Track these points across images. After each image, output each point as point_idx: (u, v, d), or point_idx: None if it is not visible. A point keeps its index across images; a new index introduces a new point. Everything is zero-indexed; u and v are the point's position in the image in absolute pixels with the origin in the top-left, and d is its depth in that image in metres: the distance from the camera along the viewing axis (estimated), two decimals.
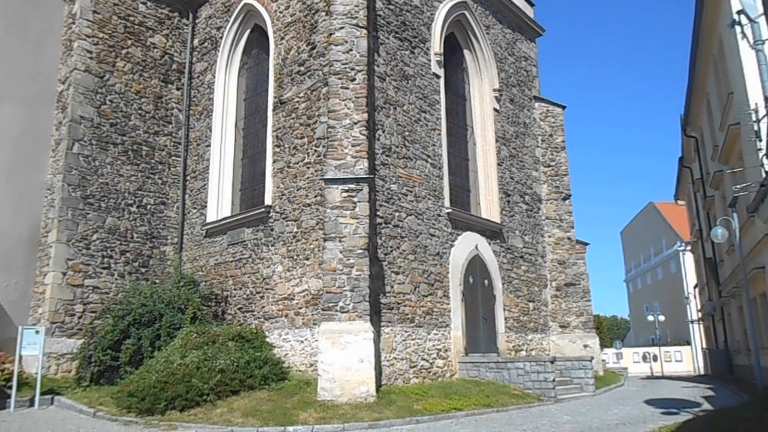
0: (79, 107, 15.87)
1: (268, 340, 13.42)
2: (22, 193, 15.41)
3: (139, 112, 17.14)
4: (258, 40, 17.09)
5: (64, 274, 14.85)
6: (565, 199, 20.06)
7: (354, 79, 13.26)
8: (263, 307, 14.23)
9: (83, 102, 15.96)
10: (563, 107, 21.02)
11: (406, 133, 14.90)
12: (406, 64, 15.41)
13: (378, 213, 13.44)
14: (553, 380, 13.74)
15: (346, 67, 13.32)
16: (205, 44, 18.30)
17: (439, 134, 16.07)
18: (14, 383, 12.47)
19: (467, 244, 16.20)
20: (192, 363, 11.49)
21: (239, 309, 14.89)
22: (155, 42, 17.94)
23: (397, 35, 15.31)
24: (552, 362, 14.04)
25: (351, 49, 13.45)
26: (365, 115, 13.08)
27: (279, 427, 9.87)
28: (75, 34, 16.35)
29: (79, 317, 14.89)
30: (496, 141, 18.32)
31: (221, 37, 17.63)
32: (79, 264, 15.14)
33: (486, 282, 16.67)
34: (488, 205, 17.58)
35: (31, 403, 12.58)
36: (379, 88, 14.36)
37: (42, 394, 12.70)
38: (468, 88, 18.51)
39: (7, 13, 15.80)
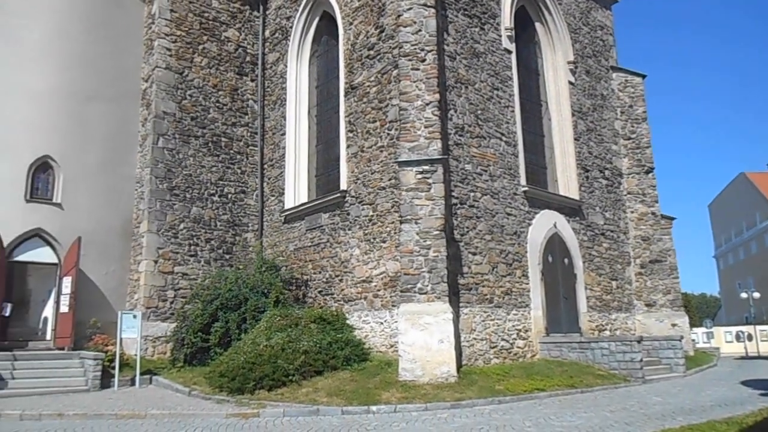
0: (162, 103, 16.62)
1: (348, 322, 13.70)
2: (115, 187, 16.37)
3: (217, 104, 17.76)
4: (327, 27, 17.26)
5: (156, 262, 15.70)
6: (647, 172, 19.20)
7: (424, 60, 13.17)
8: (342, 290, 14.51)
9: (165, 98, 16.70)
10: (643, 76, 20.05)
11: (479, 112, 14.69)
12: (476, 42, 15.14)
13: (453, 193, 13.37)
14: (641, 360, 13.30)
15: (415, 48, 13.25)
16: (276, 35, 18.67)
17: (513, 111, 15.74)
18: (117, 364, 13.39)
19: (545, 223, 15.85)
20: (277, 344, 11.92)
21: (319, 292, 15.26)
22: (229, 36, 18.48)
23: (466, 12, 15.06)
24: (639, 342, 13.59)
25: (420, 30, 13.35)
26: (437, 96, 12.99)
27: (363, 407, 10.10)
28: (155, 33, 17.09)
29: (171, 302, 15.72)
30: (572, 115, 17.74)
31: (291, 27, 17.93)
32: (169, 252, 15.96)
33: (566, 261, 16.27)
34: (566, 181, 17.10)
35: (132, 382, 13.46)
36: (449, 67, 14.20)
37: (141, 374, 13.56)
38: (541, 62, 17.98)
39: (93, 17, 16.68)
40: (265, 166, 18.25)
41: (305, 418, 9.76)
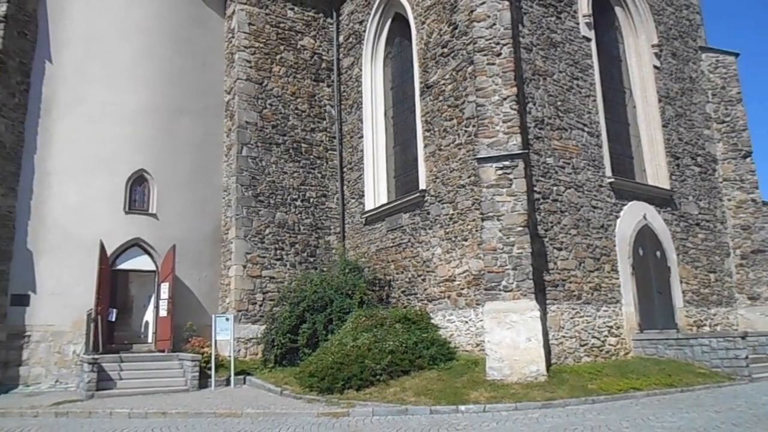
0: (245, 113, 17.25)
1: (432, 321, 13.69)
2: (204, 196, 17.15)
3: (296, 111, 18.23)
4: (399, 28, 17.33)
5: (244, 266, 16.30)
6: (745, 156, 17.99)
7: (500, 54, 12.96)
8: (425, 289, 14.51)
9: (247, 108, 17.33)
10: (736, 55, 18.81)
11: (559, 103, 14.28)
12: (552, 31, 14.73)
13: (535, 188, 13.06)
14: (746, 357, 12.47)
15: (490, 43, 13.06)
16: (350, 39, 18.94)
17: (595, 100, 15.18)
18: (213, 365, 14.04)
19: (634, 214, 15.18)
20: (363, 345, 12.08)
21: (402, 292, 15.33)
22: (305, 44, 18.92)
23: (541, 2, 14.68)
24: (743, 338, 12.75)
25: (494, 24, 13.16)
26: (514, 90, 12.74)
27: (451, 406, 10.05)
28: (235, 46, 17.77)
29: (260, 305, 16.28)
30: (659, 101, 16.90)
31: (364, 31, 18.13)
32: (256, 257, 16.54)
33: (658, 253, 15.51)
34: (655, 170, 16.31)
35: (228, 382, 14.06)
36: (526, 59, 13.89)
37: (235, 374, 14.16)
38: (622, 47, 17.24)
39: (178, 36, 17.55)
40: (345, 169, 18.55)
41: (394, 417, 9.83)
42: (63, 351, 14.80)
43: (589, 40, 15.57)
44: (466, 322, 13.19)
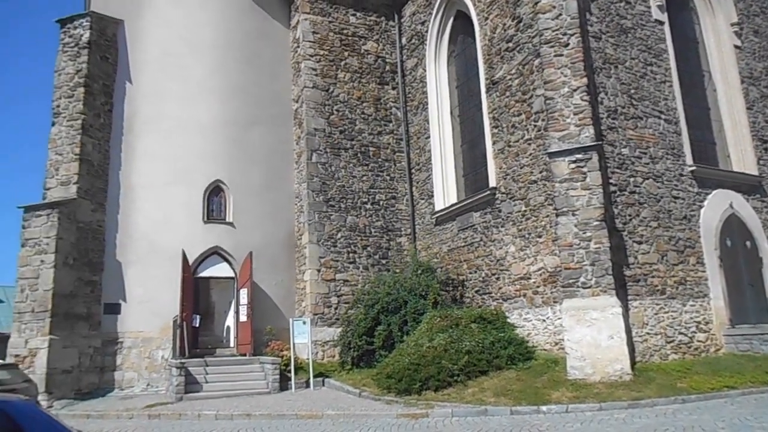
0: (312, 120, 17.59)
1: (508, 320, 13.47)
2: (277, 203, 17.61)
3: (362, 116, 18.42)
4: (462, 26, 17.19)
5: (318, 270, 16.61)
6: None
7: (567, 45, 12.63)
8: (500, 288, 14.31)
9: (315, 115, 17.66)
10: None
11: (632, 91, 13.74)
12: (622, 17, 14.20)
13: (611, 181, 12.62)
14: None
15: (557, 34, 12.75)
16: (413, 41, 18.95)
17: (671, 86, 14.51)
18: (292, 367, 14.39)
19: (719, 203, 14.39)
20: (439, 345, 12.04)
21: (476, 292, 15.18)
22: (368, 48, 19.10)
23: None
24: None
25: (560, 14, 12.84)
26: (584, 80, 12.38)
27: (532, 406, 9.86)
28: (300, 55, 18.16)
29: (335, 308, 16.53)
30: (742, 82, 15.97)
31: (426, 31, 18.10)
32: (330, 260, 16.81)
33: (748, 244, 14.64)
34: (740, 156, 15.40)
35: (307, 384, 14.36)
36: (595, 48, 13.45)
37: (314, 376, 14.43)
38: (699, 28, 16.39)
39: (246, 50, 18.13)
40: (413, 170, 18.56)
41: (474, 418, 9.74)
42: (152, 356, 15.57)
43: (662, 23, 14.90)
44: (544, 320, 12.90)
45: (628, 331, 11.45)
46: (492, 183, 14.74)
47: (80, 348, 14.93)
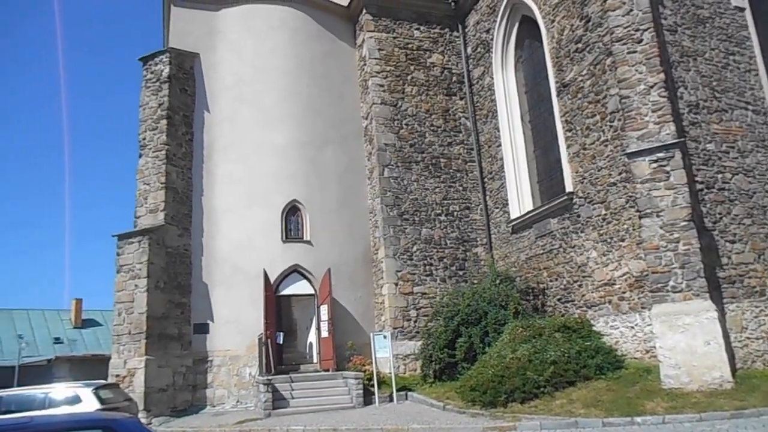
0: (382, 136, 17.81)
1: (594, 328, 13.03)
2: (352, 220, 17.88)
3: (432, 128, 18.47)
4: (528, 30, 16.96)
5: (396, 284, 16.69)
6: None
7: (641, 41, 12.21)
8: (583, 295, 13.89)
9: (384, 131, 17.87)
10: None
11: (714, 83, 13.09)
12: (698, 7, 13.58)
13: (696, 178, 12.03)
14: None
15: (629, 30, 12.36)
16: (478, 50, 18.87)
17: (756, 74, 13.70)
18: (375, 382, 14.47)
19: None
20: (523, 356, 11.80)
21: (558, 300, 14.80)
22: (433, 61, 19.18)
23: None
24: None
25: (631, 10, 12.44)
26: (661, 75, 11.91)
27: (625, 418, 9.48)
28: (367, 73, 18.47)
29: (414, 321, 16.54)
30: None
31: (492, 39, 17.98)
32: (407, 274, 16.87)
33: None
34: None
35: (390, 398, 14.40)
36: (671, 42, 12.93)
37: (397, 390, 14.45)
38: None
39: (314, 73, 18.63)
40: (485, 179, 18.40)
41: (563, 430, 9.48)
42: (240, 373, 16.09)
43: (742, 9, 14.14)
44: (632, 327, 12.39)
45: (726, 337, 10.81)
46: (568, 188, 14.38)
47: (174, 367, 15.64)
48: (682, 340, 10.50)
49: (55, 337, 33.00)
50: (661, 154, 11.35)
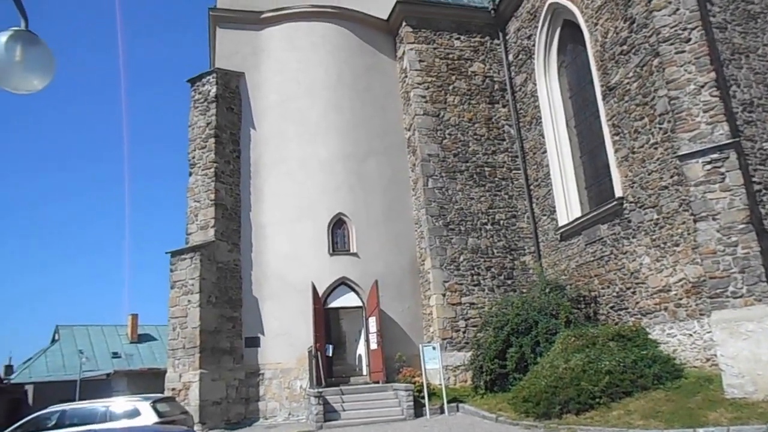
0: (426, 147, 17.82)
1: (650, 336, 12.65)
2: (398, 231, 17.92)
3: (475, 137, 18.39)
4: (570, 34, 16.74)
5: (444, 295, 16.61)
6: None
7: (689, 40, 11.89)
8: (637, 302, 13.51)
9: (428, 141, 17.89)
10: None
11: None
12: (749, 2, 13.14)
13: (754, 179, 11.59)
14: None
15: (676, 30, 12.06)
16: (520, 56, 18.72)
17: None
18: (425, 394, 14.39)
19: None
20: (577, 366, 11.54)
21: (611, 308, 14.44)
22: (474, 70, 19.13)
23: None
24: None
25: (677, 9, 12.14)
26: (712, 74, 11.56)
27: (687, 429, 9.16)
28: (409, 85, 18.55)
29: (463, 332, 16.40)
30: None
31: (533, 45, 17.82)
32: (454, 284, 16.76)
33: None
34: None
35: (441, 410, 14.29)
36: (720, 39, 12.55)
37: (447, 402, 14.32)
38: None
39: (357, 86, 18.83)
40: (531, 187, 18.17)
41: None
42: (291, 386, 16.26)
43: None
44: (690, 334, 11.97)
45: None
46: (618, 193, 14.07)
47: (227, 380, 15.94)
48: (745, 347, 10.08)
49: (113, 351, 34.10)
50: (715, 155, 10.99)
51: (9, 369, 34.21)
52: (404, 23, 19.05)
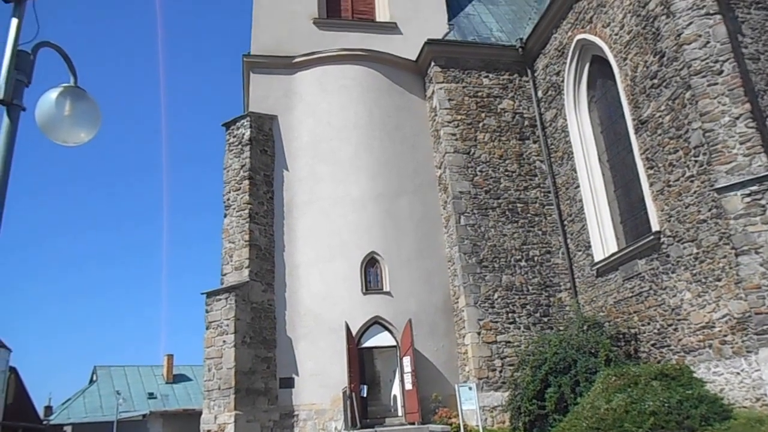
0: (457, 184, 17.86)
1: (695, 375, 12.19)
2: (431, 269, 17.84)
3: (506, 173, 18.37)
4: (599, 70, 16.77)
5: (479, 333, 16.37)
6: None
7: (721, 72, 11.82)
8: (680, 339, 13.10)
9: (458, 179, 17.93)
10: None
11: None
12: None
13: None
14: None
15: (707, 62, 12.01)
16: (549, 93, 18.79)
17: None
18: None
19: None
20: (619, 407, 11.16)
21: (652, 345, 14.02)
22: (504, 107, 19.23)
23: (759, 4, 13.14)
24: None
25: (708, 42, 12.12)
26: (747, 106, 11.43)
27: None
28: (439, 123, 18.73)
29: (500, 371, 16.08)
30: None
31: (562, 81, 17.88)
32: (489, 322, 16.53)
33: None
34: None
35: None
36: (754, 70, 12.41)
37: None
38: None
39: (387, 125, 19.09)
40: (565, 222, 17.98)
41: None
42: (326, 427, 16.08)
43: None
44: (738, 373, 11.51)
45: None
46: (654, 227, 13.82)
47: (262, 422, 15.86)
48: None
49: (149, 392, 34.37)
50: (754, 188, 10.77)
51: (48, 410, 34.72)
52: (433, 63, 19.36)
